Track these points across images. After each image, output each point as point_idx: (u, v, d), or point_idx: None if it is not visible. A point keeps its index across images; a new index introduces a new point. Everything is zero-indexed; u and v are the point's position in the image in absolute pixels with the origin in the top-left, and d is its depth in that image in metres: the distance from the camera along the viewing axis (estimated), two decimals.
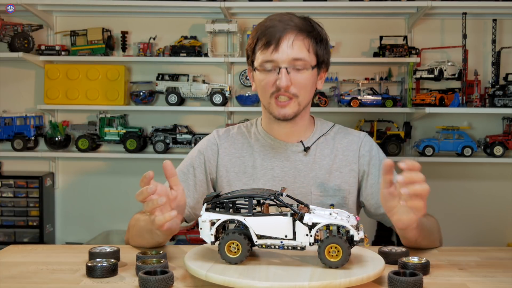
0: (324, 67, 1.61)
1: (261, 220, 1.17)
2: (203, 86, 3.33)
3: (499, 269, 1.31)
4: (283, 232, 1.16)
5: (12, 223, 3.30)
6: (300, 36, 1.53)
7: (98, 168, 3.52)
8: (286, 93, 1.53)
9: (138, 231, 1.50)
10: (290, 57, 1.51)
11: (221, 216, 1.18)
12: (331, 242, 1.11)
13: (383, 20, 3.40)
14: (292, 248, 1.17)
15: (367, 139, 1.68)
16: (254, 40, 1.57)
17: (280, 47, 1.51)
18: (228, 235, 1.16)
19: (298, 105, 1.55)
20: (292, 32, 1.52)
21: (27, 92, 3.49)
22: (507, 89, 3.09)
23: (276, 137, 1.65)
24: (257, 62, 1.56)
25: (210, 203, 1.20)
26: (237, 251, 1.16)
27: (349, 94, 3.25)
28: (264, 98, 1.58)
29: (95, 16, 3.43)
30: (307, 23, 1.56)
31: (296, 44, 1.51)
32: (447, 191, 3.41)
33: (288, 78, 1.51)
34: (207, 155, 1.66)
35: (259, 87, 1.58)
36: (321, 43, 1.57)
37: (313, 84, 1.58)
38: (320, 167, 1.62)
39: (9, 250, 1.49)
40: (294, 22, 1.54)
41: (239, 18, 3.38)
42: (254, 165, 1.63)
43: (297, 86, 1.53)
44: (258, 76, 1.57)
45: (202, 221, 1.19)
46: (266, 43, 1.52)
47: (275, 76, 1.52)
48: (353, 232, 1.13)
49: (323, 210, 1.20)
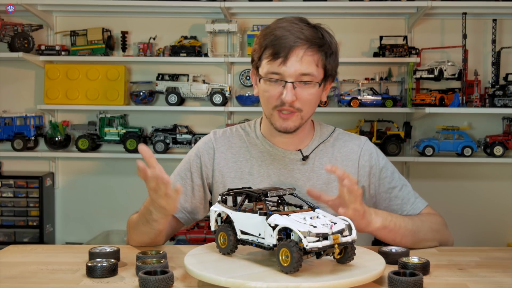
0: (331, 78, 1.57)
1: (242, 216, 1.21)
2: (203, 86, 3.33)
3: (499, 269, 1.31)
4: (258, 230, 1.17)
5: (12, 223, 3.30)
6: (310, 52, 1.47)
7: (98, 168, 3.52)
8: (290, 108, 1.49)
9: (135, 226, 1.50)
10: (298, 72, 1.46)
11: (219, 208, 1.27)
12: (282, 246, 1.09)
13: (383, 20, 3.40)
14: (263, 247, 1.17)
15: (367, 147, 1.65)
16: (261, 48, 1.51)
17: (289, 61, 1.45)
18: (219, 227, 1.26)
19: (300, 119, 1.52)
20: (302, 47, 1.46)
21: (27, 92, 3.49)
22: (507, 89, 3.09)
23: (275, 144, 1.62)
24: (263, 71, 1.51)
25: (224, 195, 1.29)
26: (225, 242, 1.24)
27: (349, 94, 3.25)
28: (267, 108, 1.54)
29: (95, 16, 3.43)
30: (318, 34, 1.50)
31: (305, 59, 1.46)
32: (447, 191, 3.41)
33: (294, 93, 1.46)
34: (204, 160, 1.64)
35: (262, 97, 1.54)
36: (331, 56, 1.52)
37: (317, 99, 1.55)
38: (318, 177, 1.60)
39: (9, 250, 1.50)
40: (305, 34, 1.47)
41: (239, 18, 3.38)
42: (251, 171, 1.61)
43: (302, 101, 1.49)
44: (263, 85, 1.52)
45: (211, 210, 1.30)
46: (274, 54, 1.46)
47: (280, 89, 1.48)
48: (304, 240, 1.06)
49: (326, 215, 1.17)
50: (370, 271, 1.12)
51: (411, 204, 1.61)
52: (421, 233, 1.51)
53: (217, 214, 1.28)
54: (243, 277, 1.08)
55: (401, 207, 1.60)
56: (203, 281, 1.12)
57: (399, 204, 1.60)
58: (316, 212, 1.19)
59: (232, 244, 1.23)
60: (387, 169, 1.63)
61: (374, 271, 1.13)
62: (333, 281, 1.06)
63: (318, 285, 1.04)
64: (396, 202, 1.60)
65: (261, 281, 1.05)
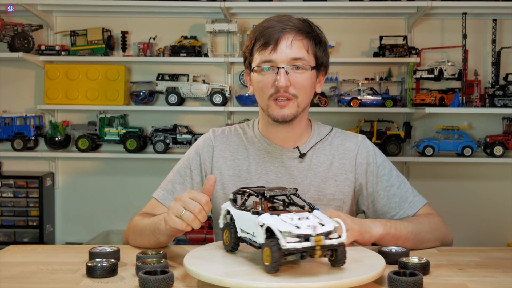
0: (323, 70, 1.59)
1: (241, 215, 1.22)
2: (203, 86, 3.33)
3: (499, 269, 1.31)
4: (252, 229, 1.18)
5: (12, 223, 3.30)
6: (299, 36, 1.51)
7: (98, 168, 3.52)
8: (285, 94, 1.50)
9: (141, 232, 1.49)
10: (289, 57, 1.49)
11: (228, 205, 1.28)
12: (265, 246, 1.09)
13: (383, 20, 3.40)
14: (255, 246, 1.18)
15: (364, 145, 1.65)
16: (252, 42, 1.55)
17: (279, 47, 1.48)
18: (225, 224, 1.28)
19: (297, 106, 1.52)
20: (291, 32, 1.50)
21: (27, 92, 3.49)
22: (507, 89, 3.09)
23: (272, 141, 1.62)
24: (255, 63, 1.53)
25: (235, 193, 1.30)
26: (228, 240, 1.26)
27: (349, 94, 3.25)
28: (262, 100, 1.55)
29: (95, 16, 3.43)
30: (306, 24, 1.54)
31: (295, 44, 1.49)
32: (447, 191, 3.41)
33: (287, 78, 1.48)
34: (203, 157, 1.65)
35: (257, 88, 1.55)
36: (320, 45, 1.55)
37: (312, 86, 1.56)
38: (316, 174, 1.60)
39: (9, 250, 1.50)
40: (293, 22, 1.52)
41: (239, 18, 3.38)
42: (249, 169, 1.61)
43: (296, 86, 1.50)
44: (256, 77, 1.54)
45: (222, 208, 1.31)
46: (264, 43, 1.50)
47: (273, 76, 1.50)
48: (282, 240, 1.06)
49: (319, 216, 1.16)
50: (370, 271, 1.12)
51: (410, 202, 1.60)
52: (421, 234, 1.51)
53: (226, 211, 1.29)
54: (243, 277, 1.08)
55: (399, 205, 1.60)
56: (203, 281, 1.12)
57: (397, 202, 1.60)
58: (313, 213, 1.17)
59: (234, 241, 1.24)
60: (385, 167, 1.63)
61: (374, 271, 1.13)
62: (333, 281, 1.06)
63: (318, 285, 1.04)
64: (395, 200, 1.60)
65: (261, 281, 1.05)
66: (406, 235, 1.47)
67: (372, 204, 1.61)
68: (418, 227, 1.51)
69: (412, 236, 1.48)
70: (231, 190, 1.59)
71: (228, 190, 1.61)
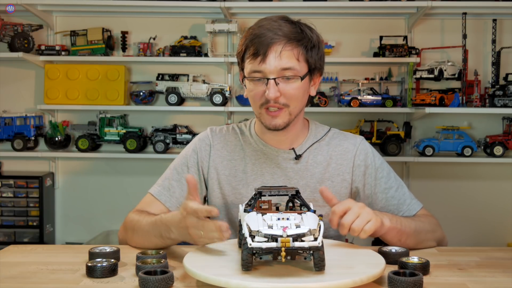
0: (318, 72, 1.57)
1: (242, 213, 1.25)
2: (203, 86, 3.33)
3: (499, 269, 1.31)
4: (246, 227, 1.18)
5: (12, 223, 3.30)
6: (289, 46, 1.48)
7: (98, 168, 3.52)
8: (276, 104, 1.49)
9: (144, 234, 1.48)
10: (278, 68, 1.47)
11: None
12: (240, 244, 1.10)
13: (383, 20, 3.40)
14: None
15: (362, 146, 1.64)
16: (243, 48, 1.53)
17: (268, 58, 1.46)
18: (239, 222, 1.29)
19: (289, 114, 1.52)
20: (280, 43, 1.47)
21: (27, 92, 3.49)
22: (507, 89, 3.09)
23: (268, 143, 1.62)
24: (246, 71, 1.52)
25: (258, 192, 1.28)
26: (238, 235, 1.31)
27: (349, 94, 3.25)
28: (255, 107, 1.55)
29: (95, 16, 3.43)
30: (297, 29, 1.51)
31: (284, 54, 1.47)
32: (447, 191, 3.41)
33: (277, 89, 1.47)
34: (200, 155, 1.65)
35: (249, 96, 1.55)
36: (313, 49, 1.52)
37: (304, 92, 1.54)
38: (312, 175, 1.60)
39: (9, 250, 1.50)
40: (283, 30, 1.48)
41: (239, 18, 3.38)
42: (245, 169, 1.61)
43: (286, 96, 1.49)
44: (248, 85, 1.53)
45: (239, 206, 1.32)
46: (254, 53, 1.48)
47: (263, 87, 1.49)
48: (248, 239, 1.07)
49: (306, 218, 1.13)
50: (370, 271, 1.12)
51: (407, 205, 1.61)
52: (422, 233, 1.51)
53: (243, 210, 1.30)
54: (243, 277, 1.08)
55: (397, 207, 1.60)
56: (202, 281, 1.12)
57: (395, 204, 1.60)
58: (304, 214, 1.14)
59: (240, 238, 1.26)
60: (383, 169, 1.63)
61: (374, 271, 1.13)
62: (333, 281, 1.06)
63: (318, 285, 1.04)
64: (393, 203, 1.60)
65: (261, 281, 1.05)
66: (409, 232, 1.47)
67: (370, 207, 1.60)
68: (420, 226, 1.52)
69: (414, 234, 1.49)
70: (226, 190, 1.60)
71: (224, 190, 1.61)
